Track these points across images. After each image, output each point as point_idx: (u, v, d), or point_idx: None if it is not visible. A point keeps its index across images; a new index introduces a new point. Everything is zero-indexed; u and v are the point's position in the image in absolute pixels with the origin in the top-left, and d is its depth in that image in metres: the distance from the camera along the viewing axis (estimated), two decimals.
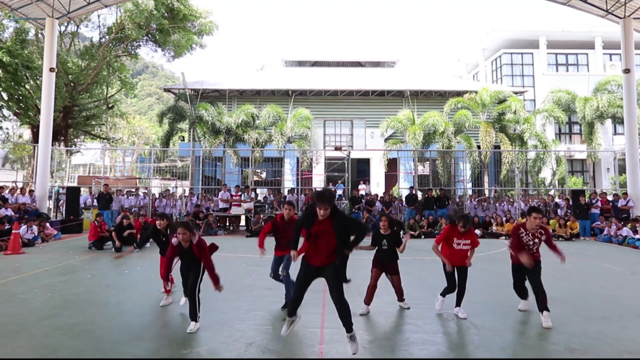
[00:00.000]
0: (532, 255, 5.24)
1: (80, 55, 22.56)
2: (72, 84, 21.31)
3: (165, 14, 21.72)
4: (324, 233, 3.99)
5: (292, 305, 4.15)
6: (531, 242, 5.30)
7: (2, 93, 19.77)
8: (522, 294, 5.57)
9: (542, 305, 5.04)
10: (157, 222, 5.91)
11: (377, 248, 5.52)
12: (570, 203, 15.78)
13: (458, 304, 5.37)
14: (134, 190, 18.16)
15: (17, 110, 20.97)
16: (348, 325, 3.92)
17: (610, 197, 16.38)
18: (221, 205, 15.89)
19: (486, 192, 20.13)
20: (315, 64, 29.49)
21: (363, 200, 16.12)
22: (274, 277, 5.76)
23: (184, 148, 24.25)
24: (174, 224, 5.73)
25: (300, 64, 29.60)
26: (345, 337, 3.94)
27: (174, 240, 4.83)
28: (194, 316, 4.68)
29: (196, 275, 4.76)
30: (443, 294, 5.58)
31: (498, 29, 28.96)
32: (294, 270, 4.64)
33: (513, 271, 5.54)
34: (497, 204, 16.46)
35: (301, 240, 4.31)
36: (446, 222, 13.16)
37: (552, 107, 21.86)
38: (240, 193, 16.06)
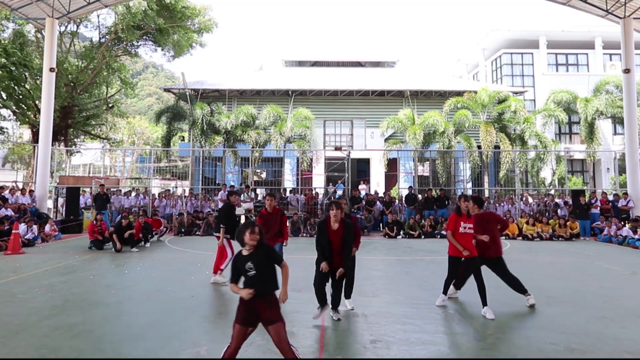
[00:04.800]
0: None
1: (80, 55, 22.56)
2: (71, 84, 21.31)
3: (165, 14, 21.69)
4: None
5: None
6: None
7: (1, 92, 19.76)
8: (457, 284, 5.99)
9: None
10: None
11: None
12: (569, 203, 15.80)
13: (484, 303, 5.30)
14: (132, 190, 18.14)
15: (15, 110, 20.96)
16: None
17: (610, 197, 16.38)
18: (221, 205, 15.86)
19: (486, 192, 20.13)
20: (315, 64, 29.49)
21: (363, 201, 16.13)
22: None
23: (184, 148, 24.25)
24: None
25: (300, 64, 29.61)
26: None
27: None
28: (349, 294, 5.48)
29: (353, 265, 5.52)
30: (445, 291, 5.67)
31: (498, 29, 28.97)
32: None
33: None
34: (497, 204, 16.46)
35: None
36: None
37: (552, 107, 21.86)
38: None
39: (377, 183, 22.47)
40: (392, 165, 22.54)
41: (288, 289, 3.54)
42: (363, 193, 18.12)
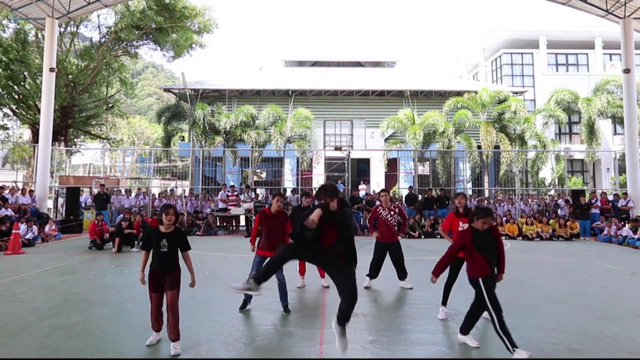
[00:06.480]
0: (392, 232, 6.43)
1: (80, 55, 22.56)
2: (71, 84, 21.30)
3: (165, 14, 21.67)
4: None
5: None
6: (389, 217, 6.44)
7: (0, 90, 19.75)
8: (376, 273, 6.68)
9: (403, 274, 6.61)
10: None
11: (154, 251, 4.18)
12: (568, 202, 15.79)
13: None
14: (131, 190, 18.14)
15: (15, 109, 20.95)
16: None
17: (610, 197, 16.38)
18: (221, 205, 15.88)
19: (486, 192, 20.12)
20: (315, 64, 29.49)
21: (363, 200, 16.13)
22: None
23: (184, 148, 24.25)
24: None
25: (300, 64, 29.60)
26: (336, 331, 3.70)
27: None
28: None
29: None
30: (444, 301, 5.27)
31: (498, 29, 28.98)
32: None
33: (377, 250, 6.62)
34: (497, 204, 16.46)
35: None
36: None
37: (553, 107, 21.85)
38: (236, 193, 16.06)
39: (377, 183, 22.47)
40: (392, 165, 22.53)
41: None
42: (363, 193, 18.12)
